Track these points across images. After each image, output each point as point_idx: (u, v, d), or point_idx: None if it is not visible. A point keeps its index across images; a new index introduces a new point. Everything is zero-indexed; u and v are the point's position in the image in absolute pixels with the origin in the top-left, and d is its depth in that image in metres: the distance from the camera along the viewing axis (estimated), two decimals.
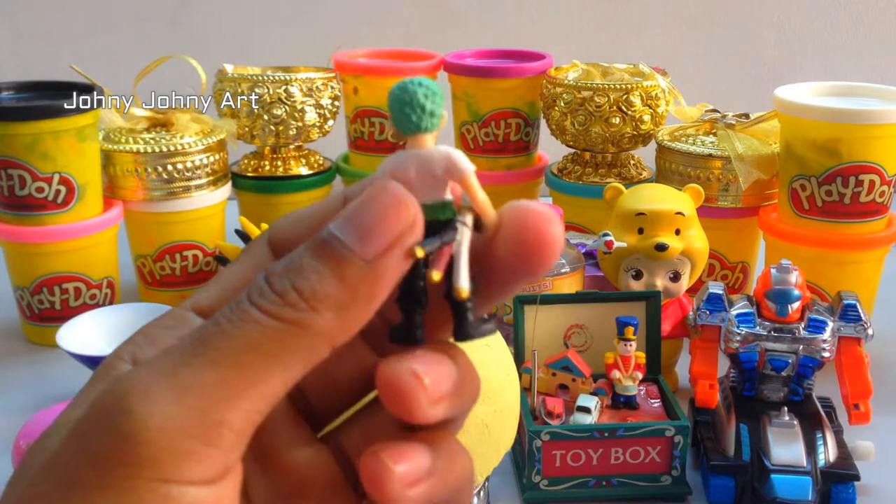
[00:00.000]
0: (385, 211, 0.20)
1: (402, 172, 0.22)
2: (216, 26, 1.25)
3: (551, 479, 0.60)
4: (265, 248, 0.24)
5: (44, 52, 1.24)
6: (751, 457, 0.59)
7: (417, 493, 0.21)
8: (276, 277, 0.20)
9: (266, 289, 0.20)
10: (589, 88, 0.88)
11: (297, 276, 0.20)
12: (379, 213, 0.20)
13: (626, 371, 0.63)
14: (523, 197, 1.02)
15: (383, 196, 0.21)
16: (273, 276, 0.21)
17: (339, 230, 0.20)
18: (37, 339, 0.84)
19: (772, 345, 0.62)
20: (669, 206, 0.71)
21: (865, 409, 0.62)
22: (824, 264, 0.78)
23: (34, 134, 0.76)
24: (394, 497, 0.21)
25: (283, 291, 0.20)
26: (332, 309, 0.20)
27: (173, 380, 0.19)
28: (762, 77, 1.26)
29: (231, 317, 0.20)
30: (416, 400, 0.21)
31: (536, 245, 0.22)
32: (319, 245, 0.20)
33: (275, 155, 0.96)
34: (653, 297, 0.67)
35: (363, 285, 0.20)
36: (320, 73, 0.93)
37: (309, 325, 0.20)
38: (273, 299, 0.20)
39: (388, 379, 0.21)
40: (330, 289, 0.20)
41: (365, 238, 0.20)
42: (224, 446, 0.20)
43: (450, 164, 0.22)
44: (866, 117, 0.74)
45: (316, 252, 0.20)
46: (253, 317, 0.20)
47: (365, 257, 0.20)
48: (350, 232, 0.20)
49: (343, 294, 0.20)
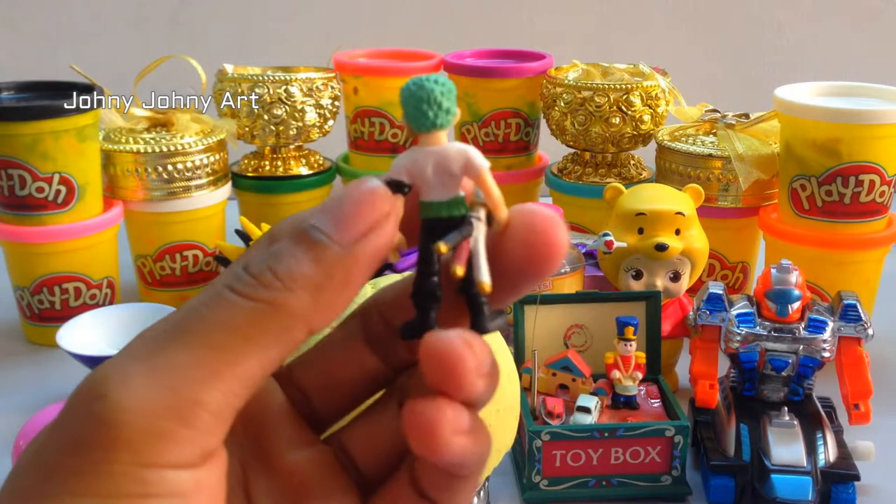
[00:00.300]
0: (361, 200, 0.21)
1: (419, 170, 0.22)
2: (216, 26, 1.25)
3: (551, 479, 0.60)
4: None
5: (44, 52, 1.24)
6: (751, 457, 0.59)
7: (461, 442, 0.21)
8: (253, 262, 0.21)
9: (242, 273, 0.21)
10: (589, 88, 0.88)
11: (273, 259, 0.21)
12: (355, 203, 0.21)
13: (626, 371, 0.63)
14: (523, 197, 1.02)
15: (359, 188, 0.21)
16: (250, 263, 0.21)
17: (316, 219, 0.21)
18: (37, 339, 0.84)
19: (772, 345, 0.62)
20: (669, 206, 0.71)
21: (865, 409, 0.62)
22: (824, 264, 0.78)
23: (34, 134, 0.76)
24: (443, 441, 0.20)
25: (258, 273, 0.20)
26: (308, 289, 0.20)
27: (148, 363, 0.19)
28: (762, 77, 1.26)
29: (205, 300, 0.20)
30: (467, 366, 0.20)
31: (543, 248, 0.22)
32: (297, 233, 0.21)
33: (275, 155, 0.96)
34: (653, 297, 0.67)
35: (339, 269, 0.21)
36: (320, 73, 0.93)
37: (283, 303, 0.20)
38: (248, 281, 0.20)
39: (439, 345, 0.20)
40: (305, 269, 0.20)
41: (341, 225, 0.21)
42: (201, 428, 0.20)
43: (467, 161, 0.22)
44: (866, 117, 0.74)
45: (293, 238, 0.21)
46: (227, 298, 0.20)
47: (341, 243, 0.21)
48: (327, 220, 0.21)
49: (318, 275, 0.20)
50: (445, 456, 0.21)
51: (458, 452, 0.21)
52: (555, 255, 0.22)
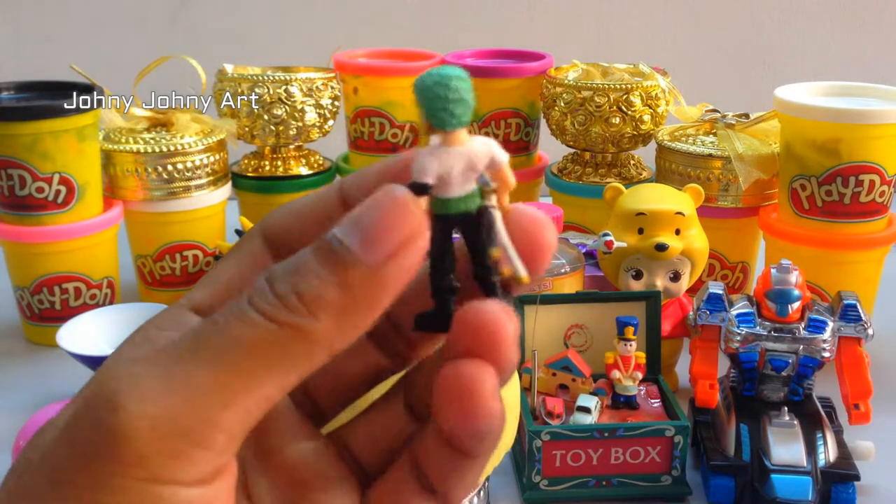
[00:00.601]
0: (391, 217, 0.20)
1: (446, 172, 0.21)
2: (216, 26, 1.25)
3: (551, 479, 0.60)
4: (260, 243, 0.24)
5: (44, 52, 1.24)
6: (751, 457, 0.59)
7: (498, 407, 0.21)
8: (279, 280, 0.20)
9: (267, 290, 0.20)
10: (589, 88, 0.88)
11: (298, 279, 0.20)
12: (385, 219, 0.20)
13: (626, 371, 0.63)
14: (523, 197, 1.02)
15: (390, 202, 0.20)
16: (275, 279, 0.20)
17: (343, 234, 0.20)
18: (37, 339, 0.84)
19: (772, 345, 0.62)
20: (669, 206, 0.71)
21: (865, 409, 0.62)
22: (824, 264, 0.78)
23: (34, 134, 0.76)
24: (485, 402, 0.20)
25: (283, 294, 0.20)
26: (333, 315, 0.20)
27: (165, 378, 0.19)
28: (762, 77, 1.26)
29: (229, 317, 0.20)
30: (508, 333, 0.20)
31: (533, 249, 0.22)
32: (323, 248, 0.20)
33: (275, 155, 0.96)
34: (653, 297, 0.67)
35: (365, 292, 0.20)
36: (320, 73, 0.93)
37: (307, 330, 0.20)
38: (273, 302, 0.20)
39: (484, 314, 0.20)
40: (331, 294, 0.20)
41: (369, 244, 0.20)
42: (216, 448, 0.19)
43: (492, 157, 0.22)
44: (866, 117, 0.74)
45: (319, 255, 0.20)
46: (250, 318, 0.20)
47: (368, 263, 0.20)
48: (354, 236, 0.20)
49: (344, 300, 0.20)
50: (483, 419, 0.20)
51: (496, 416, 0.20)
52: (543, 256, 0.22)
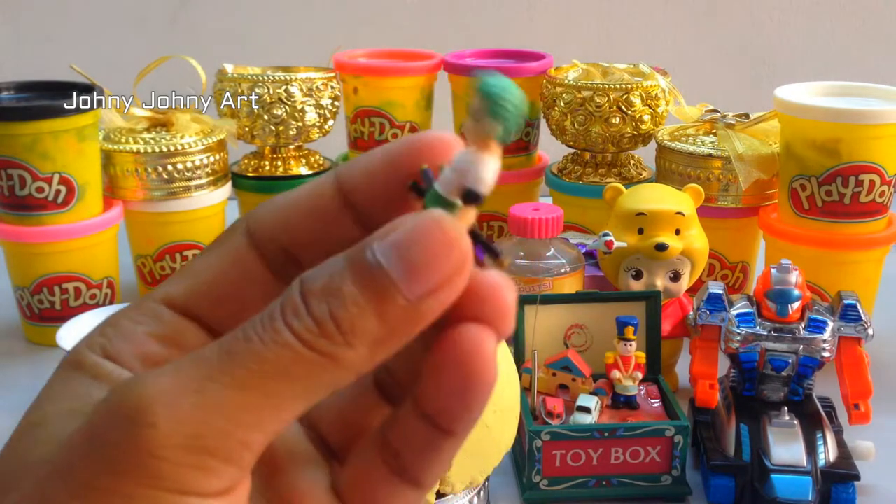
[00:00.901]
0: (438, 251, 0.19)
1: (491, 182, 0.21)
2: (216, 26, 1.25)
3: (551, 479, 0.60)
4: (243, 238, 0.23)
5: (44, 52, 1.24)
6: (751, 457, 0.59)
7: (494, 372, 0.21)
8: (315, 299, 0.19)
9: (302, 310, 0.19)
10: (589, 88, 0.88)
11: (337, 304, 0.19)
12: (431, 252, 0.19)
13: (626, 371, 0.63)
14: (523, 197, 1.02)
15: (438, 235, 0.19)
16: (311, 297, 0.19)
17: (385, 259, 0.19)
18: (37, 339, 0.84)
19: (772, 345, 0.62)
20: (669, 206, 0.71)
21: (865, 409, 0.62)
22: (824, 264, 0.77)
23: (34, 134, 0.76)
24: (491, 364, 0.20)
25: (321, 319, 0.19)
26: (367, 345, 0.19)
27: (199, 396, 0.19)
28: (762, 77, 1.26)
29: (264, 336, 0.19)
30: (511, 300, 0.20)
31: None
32: (363, 272, 0.19)
33: (275, 155, 0.96)
34: (653, 297, 0.67)
35: (401, 324, 0.19)
36: (320, 73, 0.93)
37: (342, 358, 0.19)
38: (310, 326, 0.19)
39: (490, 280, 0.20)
40: (369, 325, 0.19)
41: (413, 276, 0.19)
42: (242, 464, 0.20)
43: None
44: (866, 117, 0.74)
45: (358, 280, 0.19)
46: (286, 340, 0.19)
47: (408, 297, 0.19)
48: (398, 265, 0.19)
49: (380, 332, 0.19)
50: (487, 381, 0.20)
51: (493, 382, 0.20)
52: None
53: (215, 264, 0.23)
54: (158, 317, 0.23)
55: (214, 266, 0.23)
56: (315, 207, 0.22)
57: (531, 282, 0.72)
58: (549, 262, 0.72)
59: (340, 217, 0.22)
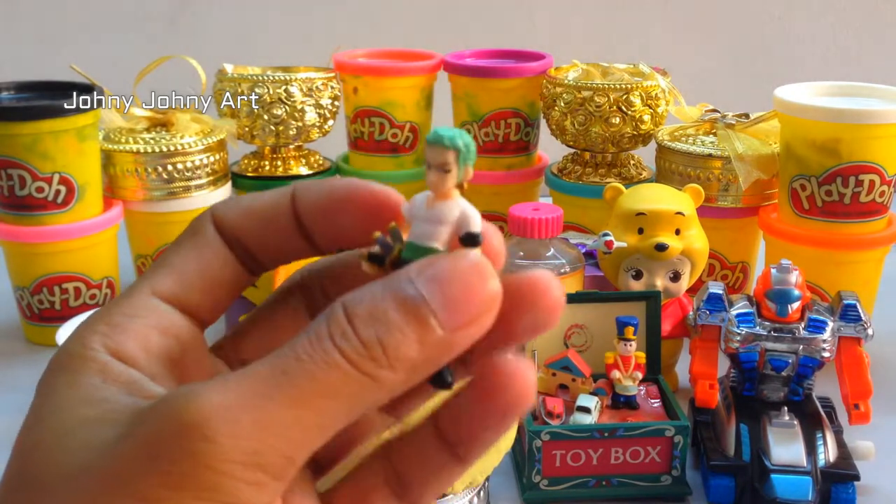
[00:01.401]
0: (474, 288, 0.21)
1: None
2: (216, 26, 1.25)
3: (551, 479, 0.60)
4: (214, 233, 0.25)
5: (44, 52, 1.24)
6: (751, 457, 0.59)
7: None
8: (361, 323, 0.21)
9: (350, 333, 0.21)
10: (589, 88, 0.88)
11: (383, 330, 0.21)
12: (468, 289, 0.21)
13: (626, 371, 0.63)
14: (523, 197, 1.02)
15: (475, 274, 0.21)
16: (357, 320, 0.21)
17: (427, 292, 0.21)
18: (37, 339, 0.84)
19: (772, 345, 0.62)
20: (669, 206, 0.71)
21: (865, 409, 0.62)
22: (824, 264, 0.77)
23: (34, 134, 0.76)
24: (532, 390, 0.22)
25: (369, 343, 0.21)
26: (406, 370, 0.21)
27: (256, 413, 0.20)
28: (762, 77, 1.26)
29: (314, 356, 0.21)
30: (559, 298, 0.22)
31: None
32: (406, 302, 0.21)
33: (275, 155, 0.96)
34: (653, 297, 0.67)
35: (436, 353, 0.21)
36: (320, 73, 0.93)
37: (384, 381, 0.21)
38: (359, 349, 0.20)
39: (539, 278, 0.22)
40: (411, 352, 0.21)
41: (451, 309, 0.21)
42: (287, 479, 0.21)
43: None
44: (866, 117, 0.74)
45: (402, 309, 0.21)
46: (336, 362, 0.20)
47: (445, 328, 0.21)
48: (438, 298, 0.21)
49: (418, 358, 0.21)
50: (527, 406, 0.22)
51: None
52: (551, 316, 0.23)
53: (195, 256, 0.25)
54: (153, 309, 0.24)
55: (194, 258, 0.25)
56: (272, 218, 0.25)
57: None
58: (549, 262, 0.72)
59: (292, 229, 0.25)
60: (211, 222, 0.25)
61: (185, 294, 0.24)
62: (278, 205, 0.25)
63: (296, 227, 0.25)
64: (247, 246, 0.25)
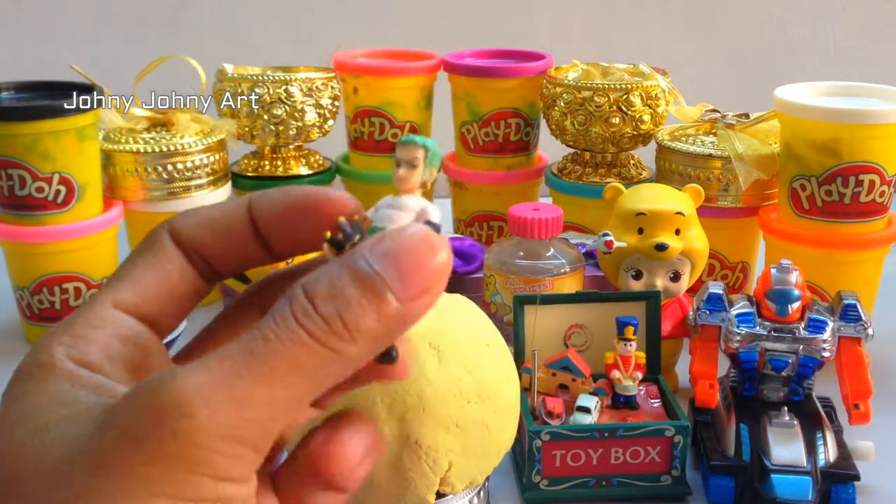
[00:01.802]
0: (424, 259, 0.22)
1: None
2: (216, 26, 1.25)
3: (551, 479, 0.60)
4: (171, 244, 0.26)
5: (44, 52, 1.24)
6: (751, 457, 0.59)
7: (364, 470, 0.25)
8: (321, 301, 0.22)
9: (311, 311, 0.22)
10: (589, 88, 0.88)
11: (342, 305, 0.22)
12: (419, 260, 0.22)
13: (626, 371, 0.63)
14: (523, 197, 1.02)
15: (424, 245, 0.22)
16: (317, 299, 0.22)
17: (381, 268, 0.22)
18: (37, 339, 0.84)
19: (772, 345, 0.62)
20: (669, 206, 0.71)
21: (865, 409, 0.62)
22: (824, 264, 0.77)
23: (34, 134, 0.76)
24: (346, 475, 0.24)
25: (330, 319, 0.22)
26: (367, 341, 0.22)
27: (230, 391, 0.21)
28: (762, 77, 1.26)
29: (280, 335, 0.22)
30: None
31: None
32: (362, 278, 0.22)
33: (275, 155, 0.96)
34: (653, 297, 0.67)
35: (394, 323, 0.22)
36: (320, 73, 0.93)
37: (347, 352, 0.22)
38: (321, 325, 0.22)
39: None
40: (370, 324, 0.22)
41: (406, 282, 0.22)
42: (264, 452, 0.22)
43: None
44: (866, 117, 0.74)
45: (358, 284, 0.22)
46: (301, 339, 0.22)
47: (401, 299, 0.22)
48: (392, 273, 0.22)
49: (377, 330, 0.22)
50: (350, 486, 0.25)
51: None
52: None
53: (154, 267, 0.26)
54: (113, 320, 0.25)
55: (153, 269, 0.26)
56: (229, 228, 0.26)
57: (531, 282, 0.72)
58: (549, 262, 0.72)
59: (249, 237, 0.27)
60: (168, 235, 0.26)
61: (145, 305, 0.26)
62: (235, 215, 0.26)
63: (253, 235, 0.26)
64: (204, 255, 0.27)
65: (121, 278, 0.26)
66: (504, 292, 0.73)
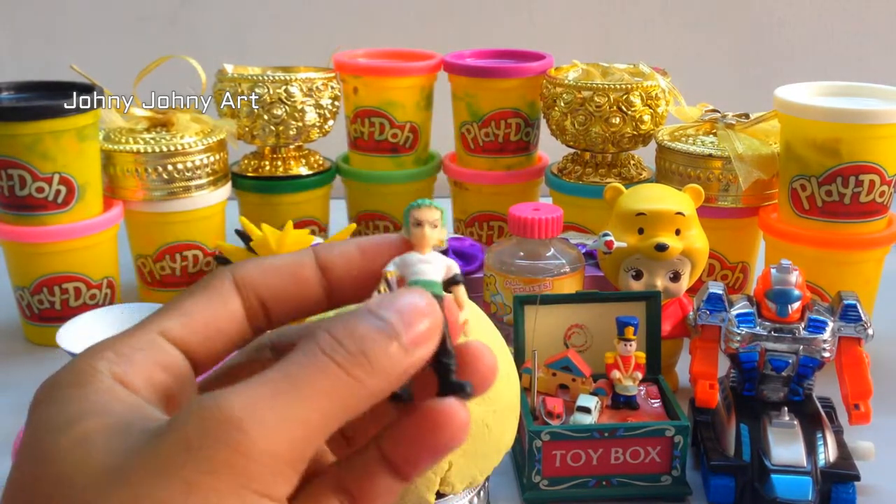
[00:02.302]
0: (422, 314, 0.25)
1: None
2: (216, 26, 1.25)
3: (551, 479, 0.60)
4: (231, 286, 0.28)
5: (44, 52, 1.24)
6: (751, 457, 0.59)
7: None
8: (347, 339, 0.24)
9: (338, 346, 0.24)
10: (589, 88, 0.88)
11: (364, 343, 0.24)
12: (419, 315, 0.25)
13: (626, 371, 0.63)
14: (524, 197, 1.02)
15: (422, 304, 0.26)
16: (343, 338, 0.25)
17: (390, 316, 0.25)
18: (37, 339, 0.84)
19: (772, 345, 0.62)
20: (669, 206, 0.71)
21: (865, 409, 0.62)
22: (824, 264, 0.78)
23: (34, 134, 0.76)
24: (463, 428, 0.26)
25: (355, 353, 0.24)
26: (382, 374, 0.25)
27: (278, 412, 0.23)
28: (762, 77, 1.26)
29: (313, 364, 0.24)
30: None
31: None
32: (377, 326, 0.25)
33: (275, 155, 0.96)
34: (653, 297, 0.67)
35: (401, 363, 0.25)
36: (320, 73, 0.93)
37: (368, 384, 0.24)
38: (347, 357, 0.24)
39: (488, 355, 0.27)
40: (384, 360, 0.25)
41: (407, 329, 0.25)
42: (300, 474, 0.24)
43: None
44: (866, 117, 0.74)
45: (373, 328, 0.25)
46: (331, 368, 0.24)
47: (405, 344, 0.25)
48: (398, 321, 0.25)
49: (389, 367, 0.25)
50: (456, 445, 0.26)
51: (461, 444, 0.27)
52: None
53: (206, 305, 0.28)
54: (158, 346, 0.26)
55: (206, 307, 0.28)
56: (296, 273, 0.29)
57: (531, 282, 0.72)
58: (549, 262, 0.72)
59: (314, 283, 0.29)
60: (230, 278, 0.28)
61: (190, 338, 0.27)
62: (301, 262, 0.29)
63: (319, 279, 0.29)
64: (265, 299, 0.28)
65: (172, 309, 0.27)
66: (504, 292, 0.73)
